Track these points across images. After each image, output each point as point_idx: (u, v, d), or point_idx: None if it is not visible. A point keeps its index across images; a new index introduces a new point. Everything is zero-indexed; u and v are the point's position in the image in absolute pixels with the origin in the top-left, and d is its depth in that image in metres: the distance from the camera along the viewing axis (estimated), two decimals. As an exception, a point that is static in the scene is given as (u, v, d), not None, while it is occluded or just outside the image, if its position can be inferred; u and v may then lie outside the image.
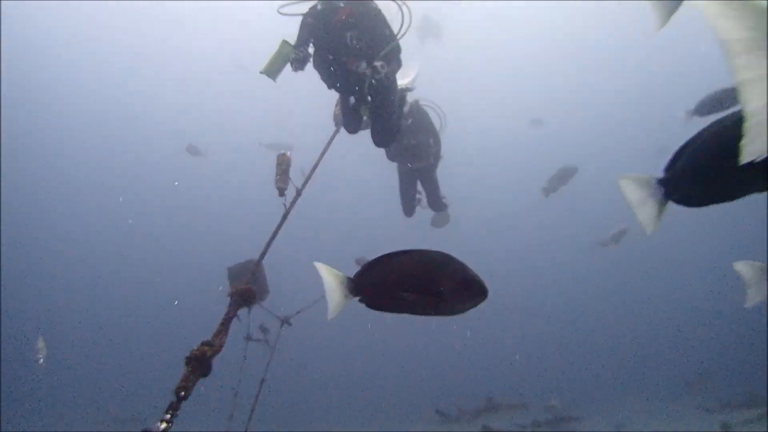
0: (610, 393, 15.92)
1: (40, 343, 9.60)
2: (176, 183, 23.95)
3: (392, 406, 15.59)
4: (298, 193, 3.48)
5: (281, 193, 3.38)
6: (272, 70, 3.90)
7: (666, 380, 15.61)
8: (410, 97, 5.10)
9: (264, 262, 5.38)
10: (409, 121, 5.14)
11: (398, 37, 3.98)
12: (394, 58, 4.09)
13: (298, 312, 4.69)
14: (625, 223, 8.83)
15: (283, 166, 3.39)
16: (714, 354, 16.77)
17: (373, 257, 2.17)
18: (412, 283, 1.98)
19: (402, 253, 2.08)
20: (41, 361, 9.47)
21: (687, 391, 13.80)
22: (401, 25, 4.03)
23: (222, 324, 2.78)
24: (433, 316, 2.15)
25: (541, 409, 10.43)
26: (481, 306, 2.06)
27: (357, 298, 2.16)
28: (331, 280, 2.14)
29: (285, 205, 3.37)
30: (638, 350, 19.83)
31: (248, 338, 4.62)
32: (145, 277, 23.41)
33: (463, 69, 22.04)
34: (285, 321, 4.60)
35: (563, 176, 8.32)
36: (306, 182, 3.67)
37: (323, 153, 4.30)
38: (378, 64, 3.83)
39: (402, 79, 4.77)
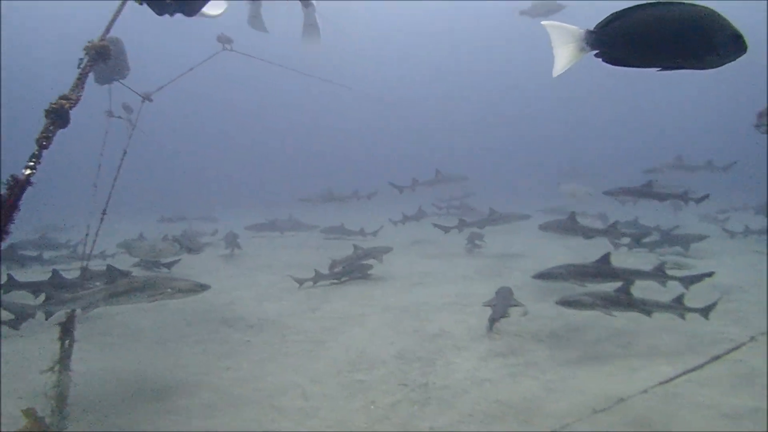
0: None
1: None
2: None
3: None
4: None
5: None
6: None
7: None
8: None
9: (124, 40, 5.04)
10: None
11: None
12: None
13: (160, 88, 4.64)
14: None
15: None
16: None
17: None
18: (670, 34, 1.90)
19: (655, 4, 1.95)
20: None
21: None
22: None
23: (78, 79, 2.77)
24: (679, 69, 2.06)
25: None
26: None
27: (594, 52, 2.07)
28: (562, 32, 2.02)
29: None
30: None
31: (110, 114, 4.57)
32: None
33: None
34: (146, 97, 4.56)
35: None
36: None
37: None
38: None
39: None
